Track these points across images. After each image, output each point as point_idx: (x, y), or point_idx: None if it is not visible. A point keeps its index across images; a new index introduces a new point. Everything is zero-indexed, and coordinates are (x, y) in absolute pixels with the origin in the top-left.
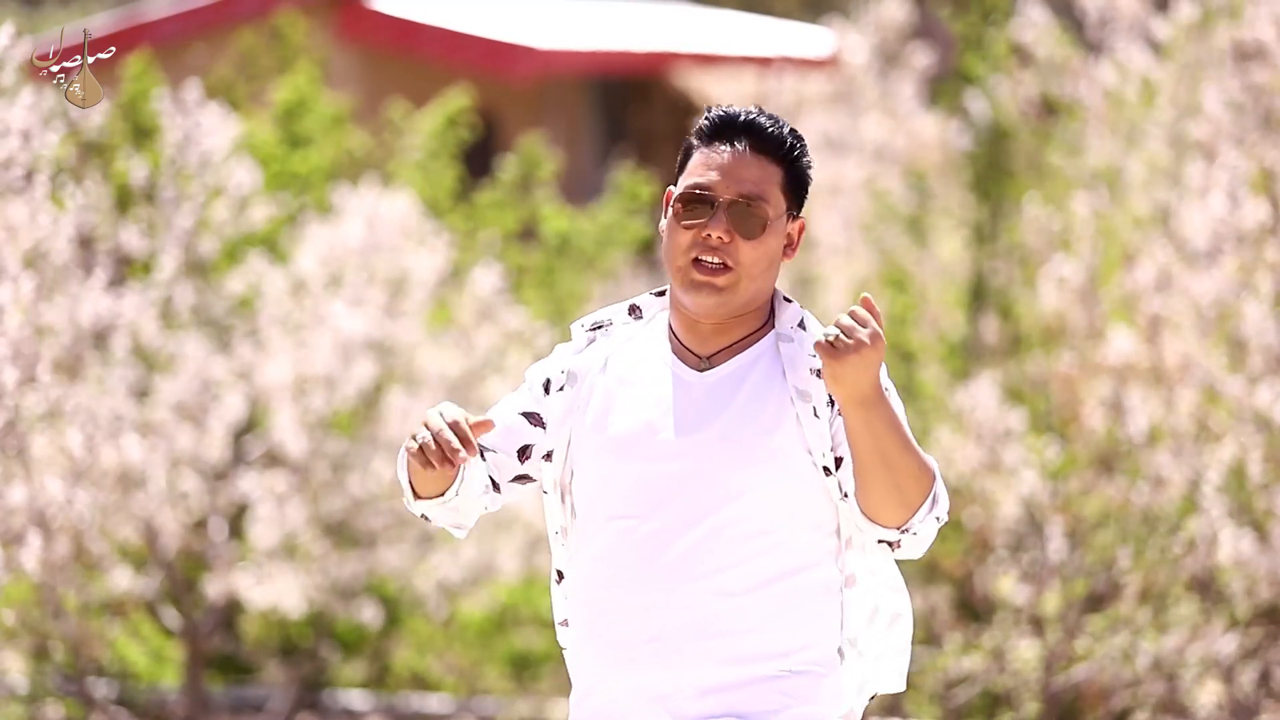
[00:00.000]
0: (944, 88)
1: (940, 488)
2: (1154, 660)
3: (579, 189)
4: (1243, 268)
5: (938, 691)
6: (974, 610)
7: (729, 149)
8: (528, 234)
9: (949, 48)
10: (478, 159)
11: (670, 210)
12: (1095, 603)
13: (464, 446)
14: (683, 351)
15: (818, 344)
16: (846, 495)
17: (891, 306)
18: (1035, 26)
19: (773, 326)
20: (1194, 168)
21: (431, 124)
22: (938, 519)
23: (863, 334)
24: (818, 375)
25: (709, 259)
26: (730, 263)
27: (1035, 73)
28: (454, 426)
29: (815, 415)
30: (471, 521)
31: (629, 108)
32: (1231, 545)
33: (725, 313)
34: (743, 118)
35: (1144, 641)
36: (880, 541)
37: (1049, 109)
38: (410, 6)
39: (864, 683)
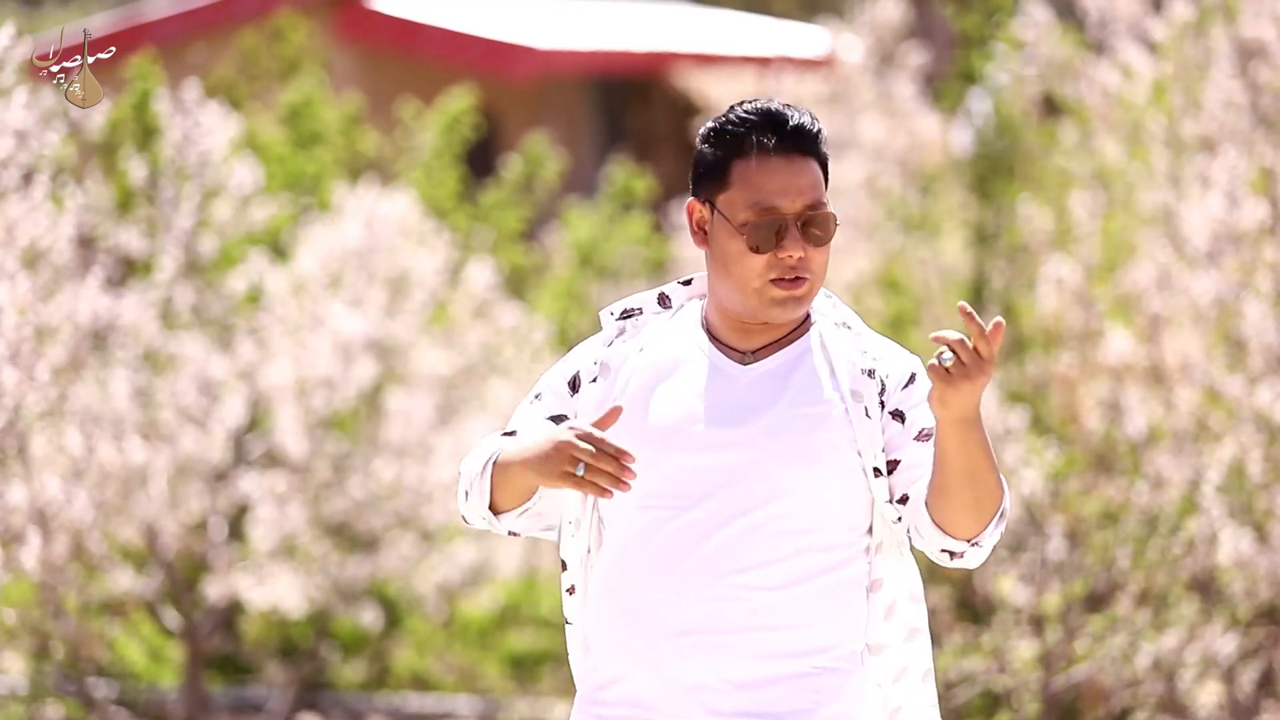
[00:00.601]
0: (946, 88)
1: (1008, 502)
2: (1154, 660)
3: (579, 189)
4: (1242, 267)
5: (937, 691)
6: (974, 610)
7: (779, 159)
8: (531, 234)
9: (946, 47)
10: (478, 159)
11: (732, 233)
12: (1095, 603)
13: (626, 469)
14: (723, 345)
15: (931, 367)
16: (906, 499)
17: (888, 308)
18: (1037, 25)
19: (813, 321)
20: (1193, 168)
21: (436, 124)
22: (1001, 532)
23: (977, 361)
24: (868, 375)
25: (787, 277)
26: (806, 274)
27: (1037, 72)
28: (602, 447)
29: (866, 415)
30: (559, 520)
31: (629, 107)
32: (1231, 545)
33: (796, 319)
34: (787, 125)
35: (1144, 642)
36: (943, 551)
37: (1051, 109)
38: (410, 7)
39: (898, 709)
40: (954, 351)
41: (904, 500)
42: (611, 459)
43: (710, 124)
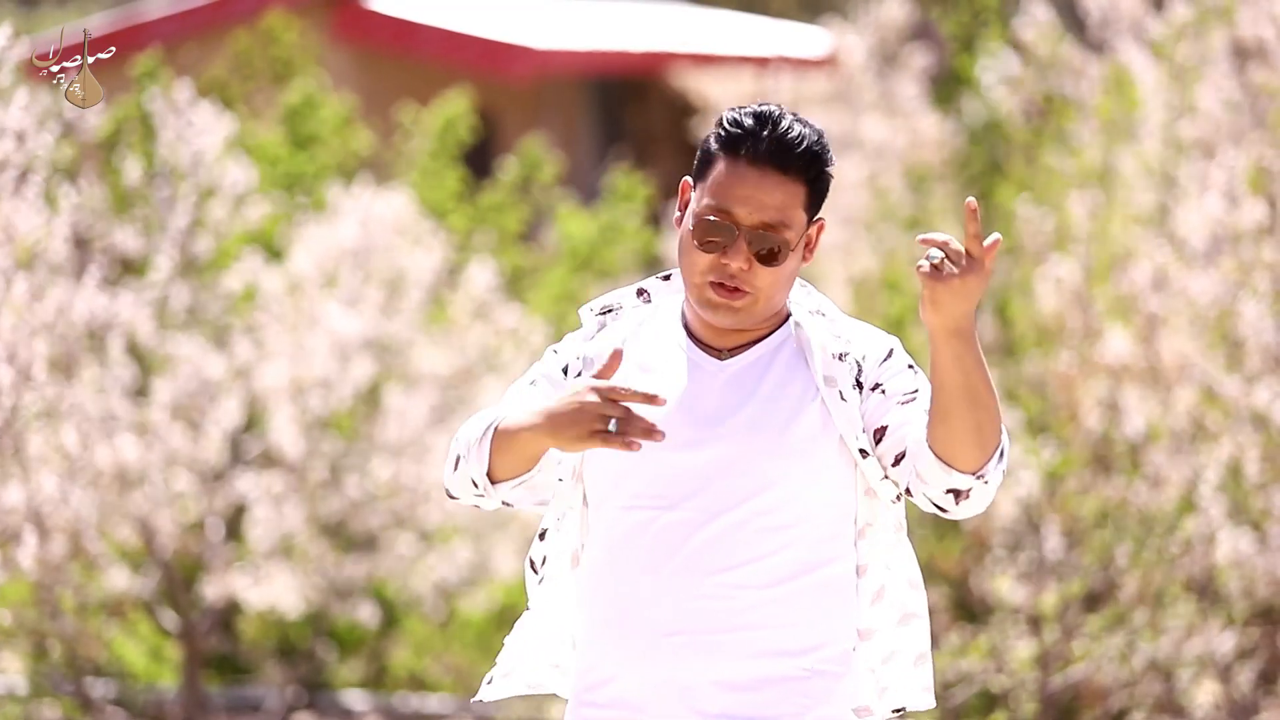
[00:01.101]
0: (941, 88)
1: (1007, 441)
2: (1151, 660)
3: (577, 189)
4: (1240, 267)
5: (935, 691)
6: (971, 610)
7: (753, 170)
8: (529, 235)
9: (945, 48)
10: (475, 159)
11: (689, 226)
12: (1092, 602)
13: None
14: (701, 340)
15: (918, 267)
16: (902, 457)
17: (889, 307)
18: (1036, 25)
19: (789, 314)
20: (1191, 167)
21: (432, 126)
22: (1003, 472)
23: (967, 261)
24: (839, 359)
25: (727, 283)
26: (748, 288)
27: (1035, 71)
28: (630, 399)
29: (842, 399)
30: (551, 495)
31: (627, 108)
32: (1229, 545)
33: (742, 326)
34: (769, 136)
35: (1141, 641)
36: (948, 492)
37: (1049, 108)
38: (407, 6)
39: (885, 689)
40: (942, 251)
41: (899, 461)
42: (638, 419)
43: (724, 113)
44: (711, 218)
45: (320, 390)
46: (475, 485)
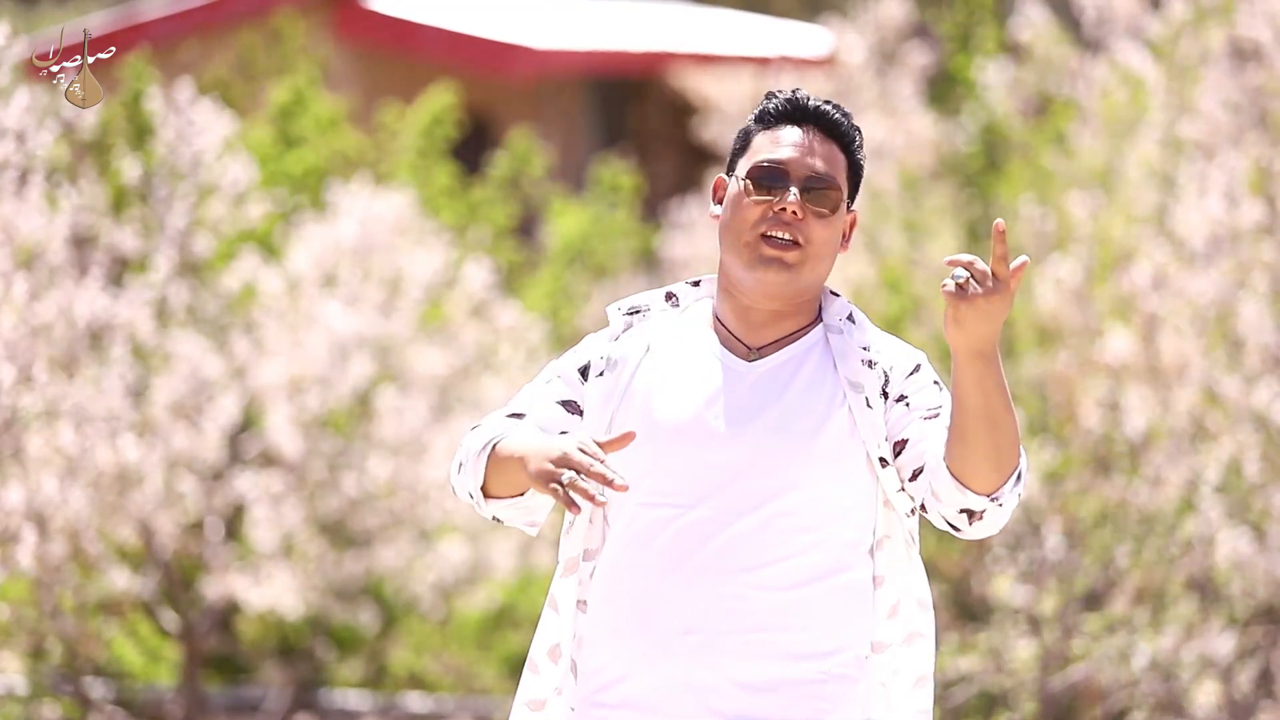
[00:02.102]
0: (938, 88)
1: (1025, 464)
2: (1151, 660)
3: (577, 189)
4: (1240, 267)
5: (935, 692)
6: (971, 610)
7: (797, 129)
8: (524, 230)
9: (942, 47)
10: (475, 158)
11: (740, 186)
12: (1092, 603)
13: (612, 488)
14: (731, 341)
15: (944, 286)
16: (919, 473)
17: (887, 307)
18: (1033, 25)
19: (820, 319)
20: (1190, 167)
21: (418, 122)
22: (1019, 495)
23: (993, 282)
24: (868, 366)
25: (780, 234)
26: (801, 240)
27: (1032, 71)
28: (595, 469)
29: (868, 405)
30: (543, 517)
31: (627, 108)
32: (1229, 545)
33: (790, 292)
34: (811, 103)
35: (1141, 641)
36: (962, 512)
37: (1046, 108)
38: (407, 6)
39: (888, 704)
40: (967, 271)
41: (916, 476)
42: (598, 476)
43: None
44: (764, 163)
45: (318, 389)
46: (470, 496)
